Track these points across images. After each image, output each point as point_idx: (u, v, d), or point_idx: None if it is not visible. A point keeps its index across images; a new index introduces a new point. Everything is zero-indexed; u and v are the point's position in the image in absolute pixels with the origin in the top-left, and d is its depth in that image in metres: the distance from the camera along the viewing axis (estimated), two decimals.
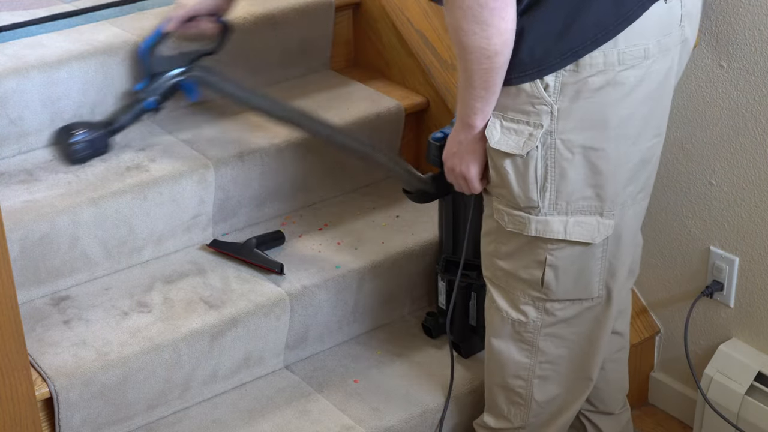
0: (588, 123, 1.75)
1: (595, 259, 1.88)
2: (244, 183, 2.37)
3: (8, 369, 1.75)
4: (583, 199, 1.81)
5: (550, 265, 1.87)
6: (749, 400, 2.24)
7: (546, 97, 1.73)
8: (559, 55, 1.71)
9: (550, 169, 1.78)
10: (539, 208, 1.81)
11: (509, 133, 1.78)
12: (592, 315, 1.95)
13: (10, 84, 2.27)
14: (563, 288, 1.90)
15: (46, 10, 2.59)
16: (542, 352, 1.97)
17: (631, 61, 1.72)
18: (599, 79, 1.72)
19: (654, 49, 1.73)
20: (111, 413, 2.04)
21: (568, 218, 1.82)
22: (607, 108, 1.74)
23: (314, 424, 2.11)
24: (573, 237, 1.83)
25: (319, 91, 2.64)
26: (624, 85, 1.73)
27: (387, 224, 2.45)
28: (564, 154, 1.77)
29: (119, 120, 2.31)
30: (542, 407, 2.05)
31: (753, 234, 2.23)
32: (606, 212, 1.83)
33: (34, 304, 2.15)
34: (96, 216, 2.18)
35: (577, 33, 1.70)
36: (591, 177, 1.79)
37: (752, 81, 2.12)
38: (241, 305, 2.16)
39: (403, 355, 2.31)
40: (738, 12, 2.09)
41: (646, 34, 1.72)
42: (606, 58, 1.71)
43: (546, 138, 1.76)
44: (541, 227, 1.83)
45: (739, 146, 2.19)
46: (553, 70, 1.72)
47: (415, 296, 2.42)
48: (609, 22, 1.70)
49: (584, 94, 1.73)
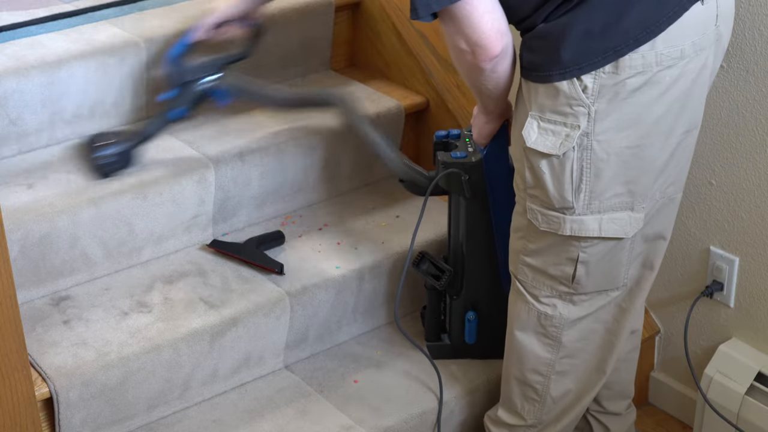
0: (624, 123, 1.77)
1: (624, 251, 1.90)
2: (244, 183, 2.37)
3: (8, 369, 1.75)
4: (615, 196, 1.83)
5: (582, 261, 1.89)
6: (749, 400, 2.24)
7: (584, 98, 1.75)
8: (600, 53, 1.72)
9: (585, 170, 1.80)
10: (574, 208, 1.83)
11: (546, 133, 1.79)
12: (615, 304, 1.97)
13: (10, 84, 2.27)
14: (593, 282, 1.92)
15: (46, 10, 2.59)
16: (564, 346, 1.99)
17: (668, 61, 1.73)
18: (637, 80, 1.73)
19: (689, 49, 1.75)
20: (111, 413, 2.03)
21: (602, 216, 1.84)
22: (643, 108, 1.76)
23: (314, 424, 2.11)
24: (608, 234, 1.85)
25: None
26: (660, 84, 1.75)
27: (387, 224, 2.45)
28: (600, 155, 1.78)
29: (146, 131, 2.27)
30: (555, 402, 2.06)
31: (753, 234, 2.23)
32: (636, 206, 1.85)
33: (34, 304, 2.15)
34: (96, 216, 2.18)
35: (619, 32, 1.71)
36: (624, 174, 1.81)
37: (752, 81, 2.12)
38: (241, 305, 2.16)
39: (403, 355, 2.31)
40: (738, 12, 2.08)
41: (684, 34, 1.74)
42: (645, 59, 1.72)
43: (582, 139, 1.77)
44: (576, 227, 1.85)
45: (739, 146, 2.19)
46: (594, 68, 1.73)
47: (414, 296, 2.42)
48: (651, 21, 1.71)
49: (622, 95, 1.74)
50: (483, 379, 2.25)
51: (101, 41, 2.40)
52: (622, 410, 2.25)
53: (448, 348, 2.30)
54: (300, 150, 2.43)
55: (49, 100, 2.33)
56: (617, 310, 1.98)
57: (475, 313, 2.25)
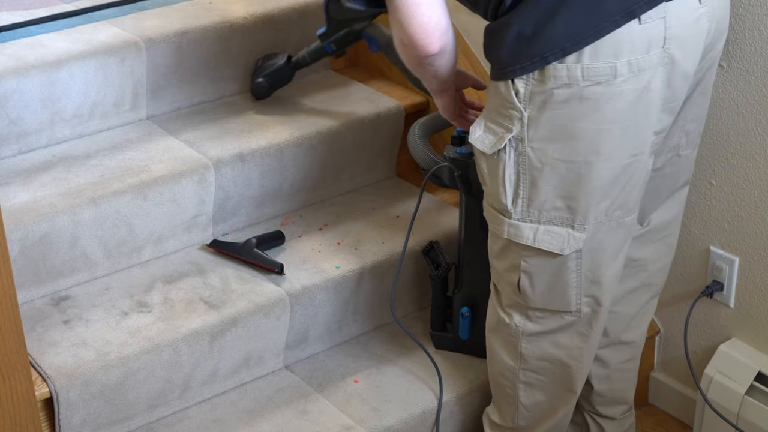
0: (556, 134, 1.75)
1: (569, 271, 1.87)
2: (244, 183, 2.37)
3: (8, 369, 1.75)
4: (555, 209, 1.81)
5: (524, 271, 1.88)
6: (749, 400, 2.24)
7: (516, 103, 1.74)
8: (529, 59, 1.71)
9: (521, 176, 1.80)
10: (511, 212, 1.83)
11: (487, 132, 1.81)
12: (574, 331, 1.95)
13: (10, 84, 2.27)
14: (539, 296, 1.91)
15: (46, 10, 2.59)
16: (525, 359, 1.98)
17: (597, 78, 1.70)
18: (564, 92, 1.71)
19: (624, 68, 1.70)
20: (111, 413, 2.04)
21: (539, 226, 1.83)
22: (575, 122, 1.73)
23: (314, 424, 2.11)
24: (541, 245, 1.84)
25: (319, 91, 2.64)
26: (590, 101, 1.71)
27: (387, 224, 2.45)
28: (535, 163, 1.78)
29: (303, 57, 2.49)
30: (529, 411, 2.06)
31: (753, 234, 2.23)
32: (578, 225, 1.82)
33: (34, 304, 2.15)
34: (96, 216, 2.18)
35: (547, 39, 1.69)
36: (561, 188, 1.79)
37: (752, 81, 2.12)
38: (241, 305, 2.16)
39: (403, 355, 2.31)
40: (738, 12, 2.08)
41: (616, 52, 1.69)
42: (569, 71, 1.70)
43: (518, 145, 1.77)
44: (513, 231, 1.85)
45: (739, 146, 2.19)
46: (523, 73, 1.72)
47: (414, 296, 2.42)
48: (578, 33, 1.68)
49: (551, 105, 1.73)
50: (483, 379, 2.25)
51: (101, 41, 2.40)
52: (617, 415, 2.24)
53: (449, 339, 2.30)
54: (300, 150, 2.43)
55: (49, 100, 2.33)
56: (578, 337, 1.95)
57: (470, 309, 2.25)
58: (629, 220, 1.87)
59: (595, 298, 1.91)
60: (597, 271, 1.88)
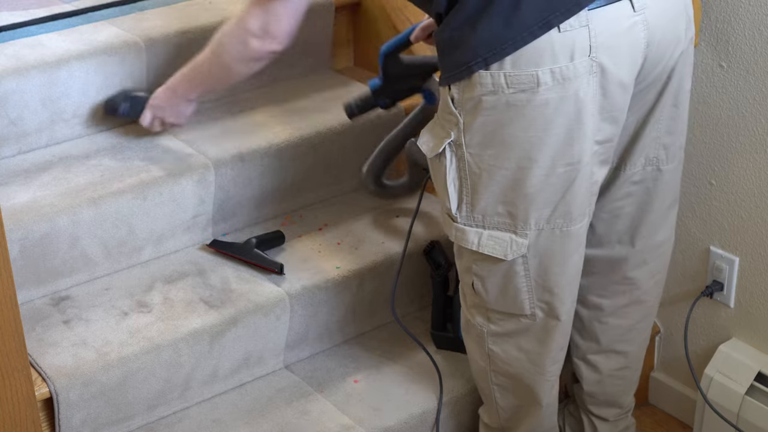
0: (489, 140, 1.75)
1: (518, 276, 1.87)
2: (244, 183, 2.37)
3: (8, 369, 1.75)
4: (497, 215, 1.81)
5: (475, 274, 1.90)
6: (749, 400, 2.24)
7: (452, 108, 1.76)
8: (457, 66, 1.72)
9: (464, 182, 1.81)
10: (456, 216, 1.84)
11: (431, 134, 1.83)
12: (532, 335, 1.94)
13: (10, 84, 2.27)
14: (493, 299, 1.91)
15: (46, 10, 2.59)
16: (492, 360, 2.00)
17: (521, 85, 1.69)
18: (491, 99, 1.71)
19: (547, 77, 1.69)
20: (111, 413, 2.04)
21: (483, 231, 1.83)
22: (504, 128, 1.73)
23: (314, 424, 2.11)
24: (485, 251, 1.84)
25: (319, 91, 2.64)
26: (517, 107, 1.71)
27: (387, 224, 2.45)
28: (473, 168, 1.78)
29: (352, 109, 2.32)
30: (506, 412, 2.08)
31: (753, 234, 2.23)
32: (520, 231, 1.82)
33: (34, 304, 2.15)
34: (96, 216, 2.18)
35: (471, 48, 1.70)
36: (501, 194, 1.79)
37: (752, 81, 2.12)
38: (240, 305, 2.16)
39: (403, 355, 2.31)
40: (738, 12, 2.09)
41: (537, 61, 1.68)
42: (494, 79, 1.70)
43: (458, 150, 1.78)
44: (459, 235, 1.86)
45: (739, 146, 2.19)
46: (455, 80, 1.73)
47: (414, 296, 2.42)
48: (498, 43, 1.68)
49: (481, 112, 1.73)
50: None
51: (101, 41, 2.40)
52: (610, 417, 2.23)
53: (449, 339, 2.30)
54: (300, 150, 2.43)
55: (49, 100, 2.33)
56: (534, 340, 1.95)
57: None
58: (575, 229, 1.84)
59: (548, 305, 1.90)
60: (546, 278, 1.87)
